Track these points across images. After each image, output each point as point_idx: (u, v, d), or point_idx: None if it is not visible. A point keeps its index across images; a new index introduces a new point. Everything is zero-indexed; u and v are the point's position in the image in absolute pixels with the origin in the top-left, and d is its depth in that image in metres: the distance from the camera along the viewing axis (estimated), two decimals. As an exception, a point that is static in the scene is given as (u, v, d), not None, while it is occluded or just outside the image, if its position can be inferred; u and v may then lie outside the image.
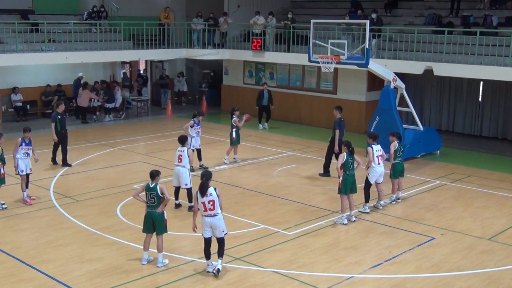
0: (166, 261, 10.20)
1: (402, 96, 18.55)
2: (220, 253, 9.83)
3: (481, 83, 21.85)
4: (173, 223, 11.68)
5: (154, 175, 10.22)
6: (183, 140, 13.10)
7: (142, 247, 10.26)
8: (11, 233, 11.55)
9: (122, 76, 27.70)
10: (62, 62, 22.51)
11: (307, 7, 28.15)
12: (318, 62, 17.52)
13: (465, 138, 21.99)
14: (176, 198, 13.03)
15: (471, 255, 10.90)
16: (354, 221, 12.50)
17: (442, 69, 19.16)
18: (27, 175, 13.42)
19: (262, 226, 12.14)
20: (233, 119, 16.95)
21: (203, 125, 17.28)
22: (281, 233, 11.82)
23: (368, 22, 16.86)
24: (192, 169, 16.30)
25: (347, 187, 12.22)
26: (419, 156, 18.54)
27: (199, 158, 16.52)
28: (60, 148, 16.73)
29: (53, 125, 16.36)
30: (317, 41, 18.04)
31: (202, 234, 9.76)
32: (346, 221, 12.36)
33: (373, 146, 13.08)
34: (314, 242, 11.36)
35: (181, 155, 12.87)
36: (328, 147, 16.24)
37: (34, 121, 23.06)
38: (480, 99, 22.15)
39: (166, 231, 10.23)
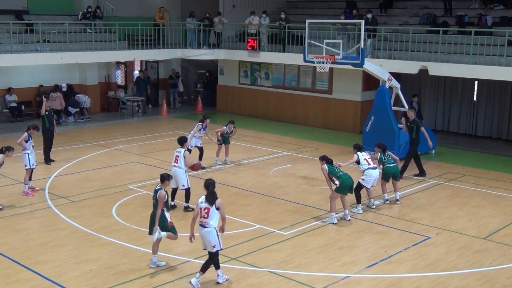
0: (160, 262, 9.98)
1: (397, 96, 18.59)
2: (203, 267, 9.26)
3: (476, 82, 21.91)
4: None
5: (164, 178, 10.07)
6: (182, 141, 13.02)
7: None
8: (6, 234, 11.53)
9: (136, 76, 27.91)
10: (56, 63, 22.46)
11: (302, 7, 28.17)
12: (313, 62, 17.53)
13: (460, 137, 22.05)
14: (172, 199, 13.00)
15: (467, 254, 10.93)
16: (350, 220, 12.53)
17: (437, 69, 19.20)
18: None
19: (257, 226, 12.14)
20: (222, 128, 16.83)
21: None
22: (277, 233, 11.83)
23: (363, 22, 16.90)
24: (203, 167, 16.34)
25: (346, 189, 12.27)
26: (414, 155, 18.57)
27: (200, 158, 16.47)
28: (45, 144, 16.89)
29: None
30: (312, 41, 18.06)
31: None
32: (336, 220, 12.37)
33: (358, 153, 13.16)
34: (310, 242, 11.38)
35: (177, 156, 12.84)
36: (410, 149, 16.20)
37: (28, 121, 22.89)
38: (475, 99, 22.22)
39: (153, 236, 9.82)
